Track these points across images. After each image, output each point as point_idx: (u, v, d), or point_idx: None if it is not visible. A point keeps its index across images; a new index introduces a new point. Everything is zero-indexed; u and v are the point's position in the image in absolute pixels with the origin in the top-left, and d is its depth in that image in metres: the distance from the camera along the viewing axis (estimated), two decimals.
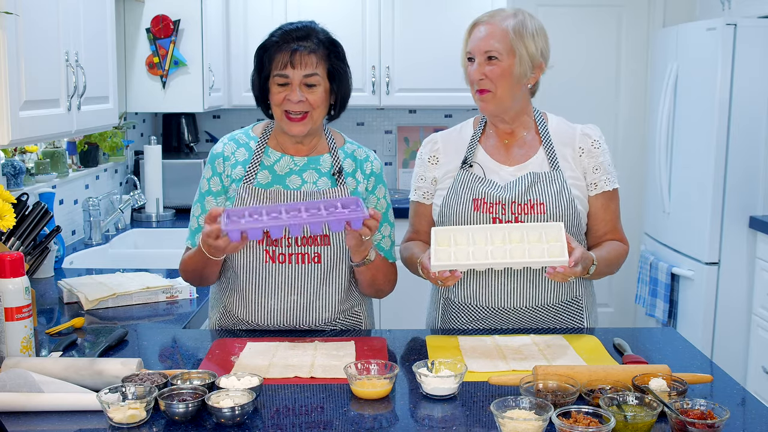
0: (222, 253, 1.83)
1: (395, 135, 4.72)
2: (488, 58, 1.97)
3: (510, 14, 1.99)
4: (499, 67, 1.96)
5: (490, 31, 1.97)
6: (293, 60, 1.89)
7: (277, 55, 1.90)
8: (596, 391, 1.52)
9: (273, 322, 2.02)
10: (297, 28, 1.93)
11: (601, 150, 2.05)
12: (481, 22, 2.00)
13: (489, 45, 1.96)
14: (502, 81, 1.97)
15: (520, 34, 1.96)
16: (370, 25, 4.20)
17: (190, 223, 2.05)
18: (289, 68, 1.89)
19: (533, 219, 1.98)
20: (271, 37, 1.93)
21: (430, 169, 2.12)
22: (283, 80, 1.91)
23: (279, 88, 1.92)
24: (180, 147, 4.41)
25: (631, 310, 4.92)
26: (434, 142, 2.14)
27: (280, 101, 1.92)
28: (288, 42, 1.90)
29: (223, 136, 2.09)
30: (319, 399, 1.58)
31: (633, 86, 4.84)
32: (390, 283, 2.07)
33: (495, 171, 2.04)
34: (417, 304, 2.51)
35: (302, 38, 1.91)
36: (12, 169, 2.80)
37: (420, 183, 2.14)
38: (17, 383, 1.53)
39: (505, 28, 1.96)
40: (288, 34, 1.91)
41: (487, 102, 2.00)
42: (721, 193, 3.73)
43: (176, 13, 3.72)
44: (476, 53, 1.98)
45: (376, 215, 1.79)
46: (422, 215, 2.14)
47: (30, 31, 2.08)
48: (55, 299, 2.40)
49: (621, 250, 2.06)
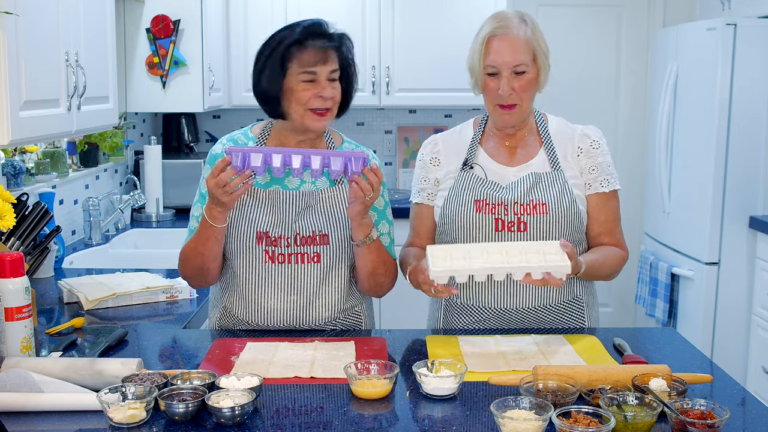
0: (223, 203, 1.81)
1: (395, 135, 4.72)
2: (516, 72, 1.94)
3: (518, 20, 1.97)
4: (526, 80, 1.95)
5: (513, 44, 1.93)
6: (324, 56, 1.88)
7: (304, 52, 1.88)
8: (596, 391, 1.52)
9: (273, 322, 2.02)
10: (318, 23, 1.91)
11: (599, 151, 2.05)
12: (497, 35, 1.94)
13: (518, 59, 1.93)
14: (528, 92, 1.97)
15: (536, 40, 1.96)
16: (370, 25, 4.20)
17: (189, 224, 2.05)
18: (320, 65, 1.88)
19: (536, 219, 1.98)
20: (292, 34, 1.89)
21: (432, 171, 2.11)
22: (311, 77, 1.88)
23: (305, 85, 1.89)
24: (180, 147, 4.41)
25: (631, 310, 4.93)
26: (435, 143, 2.14)
27: (307, 99, 1.89)
28: (313, 38, 1.88)
29: (222, 136, 2.09)
30: (319, 399, 1.58)
31: (633, 86, 4.84)
32: (390, 277, 2.06)
33: (496, 172, 2.04)
34: (417, 304, 2.51)
35: (325, 35, 1.90)
36: (12, 169, 2.80)
37: (423, 185, 2.12)
38: (17, 383, 1.53)
39: (525, 38, 1.94)
40: (309, 30, 1.89)
41: (512, 115, 1.99)
42: (721, 193, 3.73)
43: (176, 13, 3.72)
44: (503, 68, 1.93)
45: (378, 171, 1.80)
46: (424, 217, 2.12)
47: (30, 31, 2.08)
48: (55, 299, 2.40)
49: (616, 256, 2.04)
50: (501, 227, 1.99)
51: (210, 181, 1.79)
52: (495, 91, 1.96)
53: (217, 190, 1.79)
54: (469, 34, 2.07)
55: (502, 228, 1.99)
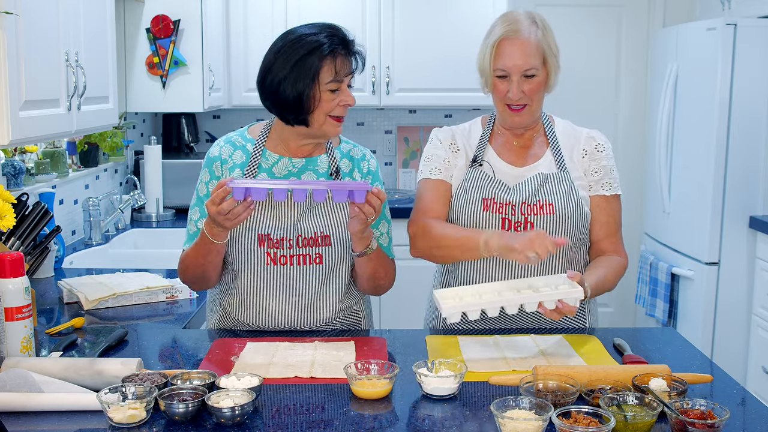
0: (225, 227, 1.80)
1: (395, 135, 4.71)
2: (526, 75, 1.94)
3: (529, 22, 1.96)
4: (536, 82, 1.95)
5: (523, 48, 1.93)
6: (351, 66, 1.88)
7: (337, 62, 1.86)
8: (596, 391, 1.52)
9: (274, 324, 2.02)
10: (339, 29, 1.89)
11: (604, 154, 2.05)
12: (508, 38, 1.94)
13: (529, 63, 1.93)
14: (538, 94, 1.97)
15: (547, 43, 1.96)
16: (370, 25, 4.20)
17: (187, 227, 2.03)
18: (347, 75, 1.88)
19: (542, 220, 1.98)
20: (324, 43, 1.84)
21: (451, 155, 2.07)
22: (337, 86, 1.88)
23: (331, 95, 1.87)
24: (180, 147, 4.42)
25: (631, 310, 4.93)
26: (453, 133, 2.11)
27: (333, 107, 1.88)
28: (343, 47, 1.87)
29: (219, 138, 2.08)
30: (319, 399, 1.58)
31: (633, 86, 4.83)
32: (390, 278, 2.06)
33: (504, 171, 2.04)
34: (417, 304, 2.51)
35: (350, 43, 1.89)
36: (12, 169, 2.80)
37: (439, 163, 2.06)
38: (17, 383, 1.53)
39: (536, 41, 1.94)
40: (339, 39, 1.87)
41: (523, 116, 1.99)
42: (721, 193, 3.73)
43: (176, 13, 3.72)
44: (513, 72, 1.93)
45: (380, 194, 1.78)
46: (438, 190, 2.04)
47: (30, 31, 2.08)
48: (55, 299, 2.40)
49: (617, 268, 2.02)
50: (508, 227, 1.99)
51: (211, 208, 1.77)
52: (504, 93, 1.96)
53: (219, 216, 1.78)
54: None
55: (509, 227, 1.99)
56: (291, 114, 1.89)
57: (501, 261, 1.99)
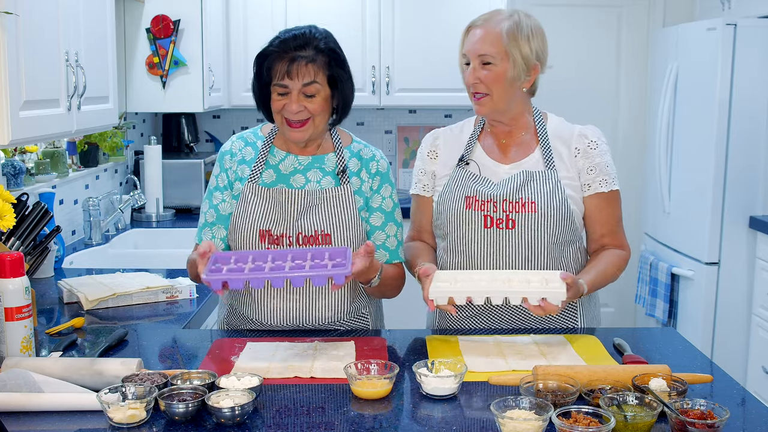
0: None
1: (395, 135, 4.72)
2: (483, 62, 1.97)
3: (505, 16, 1.98)
4: (494, 72, 1.96)
5: (484, 34, 1.97)
6: (291, 70, 1.88)
7: (275, 65, 1.89)
8: (596, 391, 1.52)
9: (280, 321, 2.02)
10: (295, 36, 1.90)
11: (598, 151, 2.04)
12: (477, 25, 2.00)
13: (483, 49, 1.96)
14: (496, 85, 1.97)
15: (514, 37, 1.96)
16: (370, 25, 4.20)
17: (200, 219, 2.07)
18: (287, 79, 1.88)
19: (524, 218, 1.98)
20: (270, 46, 1.91)
21: (429, 163, 2.13)
22: (283, 90, 1.90)
23: (279, 97, 1.91)
24: (180, 147, 4.41)
25: (631, 310, 4.93)
26: (435, 137, 2.16)
27: (280, 108, 1.92)
28: (286, 51, 1.88)
29: (233, 135, 2.12)
30: (319, 399, 1.58)
31: (633, 86, 4.84)
32: (397, 289, 2.08)
33: (490, 169, 2.05)
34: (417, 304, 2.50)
35: (301, 47, 1.88)
36: (12, 169, 2.80)
37: (420, 176, 2.15)
38: (17, 383, 1.53)
39: (499, 32, 1.95)
40: (286, 43, 1.89)
41: (482, 105, 2.01)
42: (721, 193, 3.73)
43: (176, 13, 3.72)
44: (471, 57, 1.99)
45: (369, 249, 1.80)
46: (423, 208, 2.15)
47: (30, 31, 2.08)
48: (55, 299, 2.40)
49: (616, 260, 2.03)
50: (490, 224, 1.99)
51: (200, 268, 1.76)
52: (467, 79, 2.02)
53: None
54: None
55: (491, 225, 1.99)
56: (260, 111, 2.00)
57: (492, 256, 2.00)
